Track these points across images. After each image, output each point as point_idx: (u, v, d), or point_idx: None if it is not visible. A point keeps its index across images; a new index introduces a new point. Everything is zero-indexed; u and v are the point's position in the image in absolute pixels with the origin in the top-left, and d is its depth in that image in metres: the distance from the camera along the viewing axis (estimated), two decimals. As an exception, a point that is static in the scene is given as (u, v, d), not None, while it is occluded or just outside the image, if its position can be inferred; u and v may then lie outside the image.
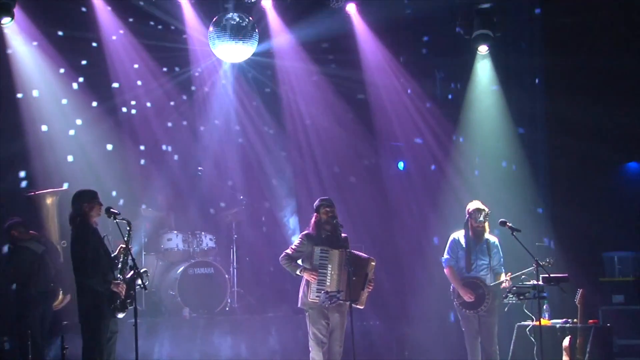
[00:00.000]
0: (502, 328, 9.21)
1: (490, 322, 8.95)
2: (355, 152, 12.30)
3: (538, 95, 11.54)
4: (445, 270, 9.13)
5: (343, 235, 8.41)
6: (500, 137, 11.57)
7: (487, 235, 9.12)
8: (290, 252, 8.37)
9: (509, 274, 8.91)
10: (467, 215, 9.08)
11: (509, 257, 9.21)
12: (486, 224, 9.05)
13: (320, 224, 8.41)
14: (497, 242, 9.12)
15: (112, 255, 7.86)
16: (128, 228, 7.86)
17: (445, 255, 9.15)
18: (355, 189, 12.17)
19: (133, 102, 11.62)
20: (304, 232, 8.55)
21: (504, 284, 8.84)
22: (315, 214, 8.47)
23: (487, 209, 9.04)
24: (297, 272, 8.31)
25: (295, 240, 8.63)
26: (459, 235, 9.14)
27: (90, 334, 7.67)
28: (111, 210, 7.79)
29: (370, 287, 8.34)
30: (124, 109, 11.55)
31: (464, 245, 9.03)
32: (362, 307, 8.36)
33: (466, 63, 11.74)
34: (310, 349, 8.33)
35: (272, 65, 12.11)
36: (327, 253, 8.27)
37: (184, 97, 12.10)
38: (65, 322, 9.64)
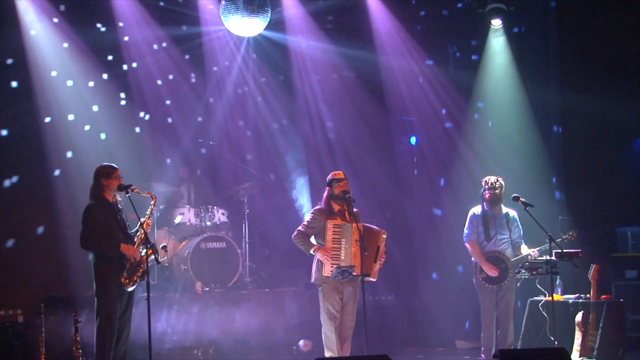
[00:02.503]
0: (514, 303, 9.18)
1: (509, 297, 8.96)
2: (368, 126, 12.23)
3: (552, 68, 11.44)
4: (466, 245, 9.12)
5: (354, 210, 8.41)
6: (514, 111, 11.49)
7: (505, 209, 9.10)
8: (302, 229, 8.36)
9: (536, 248, 8.85)
10: (482, 189, 9.06)
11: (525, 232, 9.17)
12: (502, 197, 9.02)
13: (332, 199, 8.40)
14: (516, 215, 9.10)
15: (132, 231, 7.90)
16: (152, 202, 7.95)
17: (466, 230, 9.13)
18: (367, 164, 12.13)
19: (141, 70, 11.58)
20: (315, 207, 8.54)
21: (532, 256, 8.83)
22: (328, 188, 8.46)
23: (502, 181, 9.01)
24: (311, 252, 8.31)
25: (307, 216, 8.62)
26: (477, 209, 9.12)
27: (101, 307, 7.73)
28: (126, 185, 7.81)
29: (383, 260, 8.33)
30: (133, 80, 11.51)
31: (482, 220, 9.02)
32: (375, 280, 8.35)
33: (480, 37, 11.65)
34: (322, 323, 8.34)
35: (283, 39, 12.03)
36: (340, 227, 8.26)
37: (195, 72, 12.06)
38: (79, 295, 9.74)
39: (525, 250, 8.97)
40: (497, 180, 9.02)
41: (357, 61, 12.03)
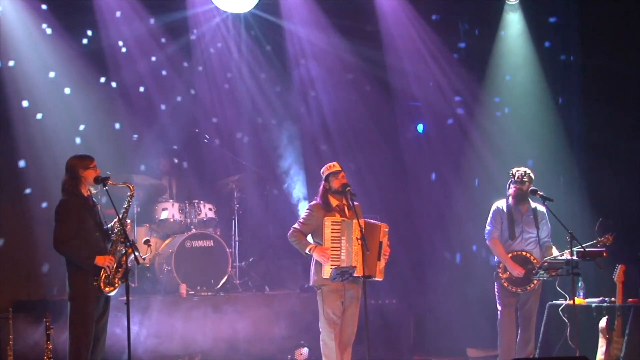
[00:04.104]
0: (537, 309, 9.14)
1: (532, 302, 8.93)
2: (369, 112, 12.20)
3: (573, 49, 11.41)
4: (488, 242, 9.07)
5: (355, 203, 8.36)
6: (531, 96, 11.46)
7: (534, 204, 9.05)
8: (298, 227, 8.32)
9: (567, 251, 8.71)
10: (508, 182, 9.00)
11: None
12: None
13: (330, 193, 8.36)
14: (545, 211, 9.02)
15: (107, 227, 7.85)
16: (129, 194, 7.89)
17: (488, 227, 9.07)
18: (369, 154, 12.11)
19: (123, 49, 11.54)
20: (311, 203, 8.50)
21: None
22: (324, 182, 8.42)
23: (531, 174, 8.94)
24: (307, 251, 8.26)
25: (303, 212, 8.58)
26: (502, 204, 9.06)
27: (76, 312, 7.68)
28: (103, 177, 7.74)
29: (387, 255, 8.29)
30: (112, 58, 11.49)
31: (507, 215, 8.98)
32: (380, 279, 8.30)
33: (494, 14, 11.61)
34: (320, 329, 8.30)
35: (277, 18, 12.01)
36: (340, 225, 8.22)
37: (181, 53, 12.02)
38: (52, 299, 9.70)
39: (555, 253, 8.90)
40: (525, 174, 8.91)
41: (358, 41, 11.99)
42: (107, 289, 7.72)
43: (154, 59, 11.80)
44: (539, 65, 11.50)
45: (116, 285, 7.76)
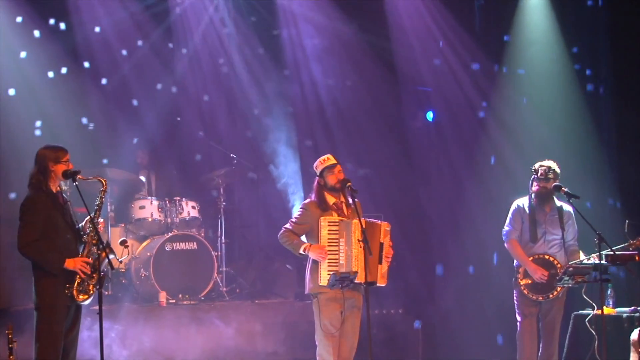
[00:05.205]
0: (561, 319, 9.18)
1: (556, 311, 8.97)
2: (373, 98, 12.21)
3: (600, 23, 11.43)
4: (506, 244, 9.11)
5: (355, 200, 8.33)
6: (555, 78, 11.46)
7: (559, 202, 9.06)
8: (290, 227, 8.32)
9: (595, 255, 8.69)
10: (531, 178, 9.01)
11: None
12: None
13: (325, 189, 8.35)
14: (572, 211, 9.04)
15: (78, 226, 7.84)
16: (102, 189, 7.87)
17: (506, 227, 9.11)
18: (372, 145, 12.11)
19: (97, 28, 11.57)
20: (305, 201, 8.50)
21: None
22: (318, 177, 8.42)
23: (557, 168, 8.95)
24: (301, 251, 8.26)
25: (296, 211, 8.59)
26: (523, 202, 9.09)
27: (43, 322, 7.67)
28: (72, 171, 7.73)
29: (389, 259, 8.27)
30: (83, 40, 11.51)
31: (528, 215, 9.00)
32: (383, 285, 8.30)
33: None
34: (317, 343, 8.31)
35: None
36: (337, 225, 8.22)
37: (160, 31, 12.04)
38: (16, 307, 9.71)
39: (582, 257, 8.90)
40: (550, 169, 8.92)
41: (361, 19, 11.99)
42: (80, 297, 7.70)
43: (134, 40, 11.83)
44: (565, 46, 11.48)
45: (91, 292, 7.74)
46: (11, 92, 10.87)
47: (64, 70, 11.39)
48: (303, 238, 8.34)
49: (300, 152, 12.29)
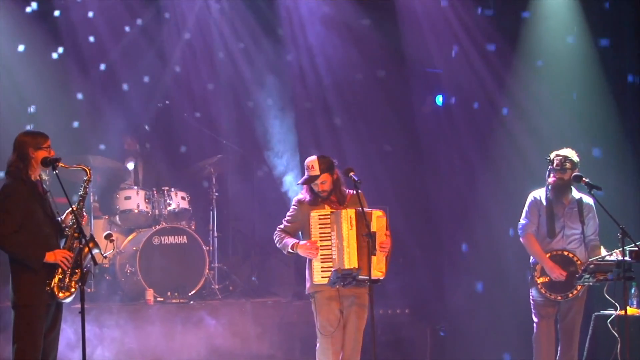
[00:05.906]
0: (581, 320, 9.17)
1: (575, 312, 8.97)
2: (379, 82, 12.20)
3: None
4: (522, 239, 9.12)
5: (351, 192, 8.27)
6: (577, 63, 11.45)
7: (579, 194, 9.06)
8: (282, 226, 8.34)
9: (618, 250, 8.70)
10: (548, 169, 9.00)
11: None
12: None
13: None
14: (592, 203, 9.03)
15: (59, 218, 7.83)
16: (85, 178, 7.85)
17: (522, 221, 9.12)
18: (377, 132, 12.11)
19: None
20: (296, 197, 8.49)
21: None
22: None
23: (575, 157, 8.94)
24: (289, 250, 8.23)
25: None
26: (540, 194, 9.10)
27: (21, 322, 7.67)
28: (53, 159, 7.71)
29: (386, 249, 8.15)
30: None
31: (546, 208, 8.99)
32: (381, 277, 8.18)
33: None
34: (316, 343, 8.32)
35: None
36: (328, 218, 8.19)
37: (149, 11, 12.06)
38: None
39: (604, 253, 8.89)
40: (567, 159, 8.91)
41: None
42: (61, 294, 7.68)
43: (122, 23, 11.86)
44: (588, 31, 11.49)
45: (72, 290, 7.73)
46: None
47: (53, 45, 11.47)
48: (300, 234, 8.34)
49: (299, 138, 12.28)
